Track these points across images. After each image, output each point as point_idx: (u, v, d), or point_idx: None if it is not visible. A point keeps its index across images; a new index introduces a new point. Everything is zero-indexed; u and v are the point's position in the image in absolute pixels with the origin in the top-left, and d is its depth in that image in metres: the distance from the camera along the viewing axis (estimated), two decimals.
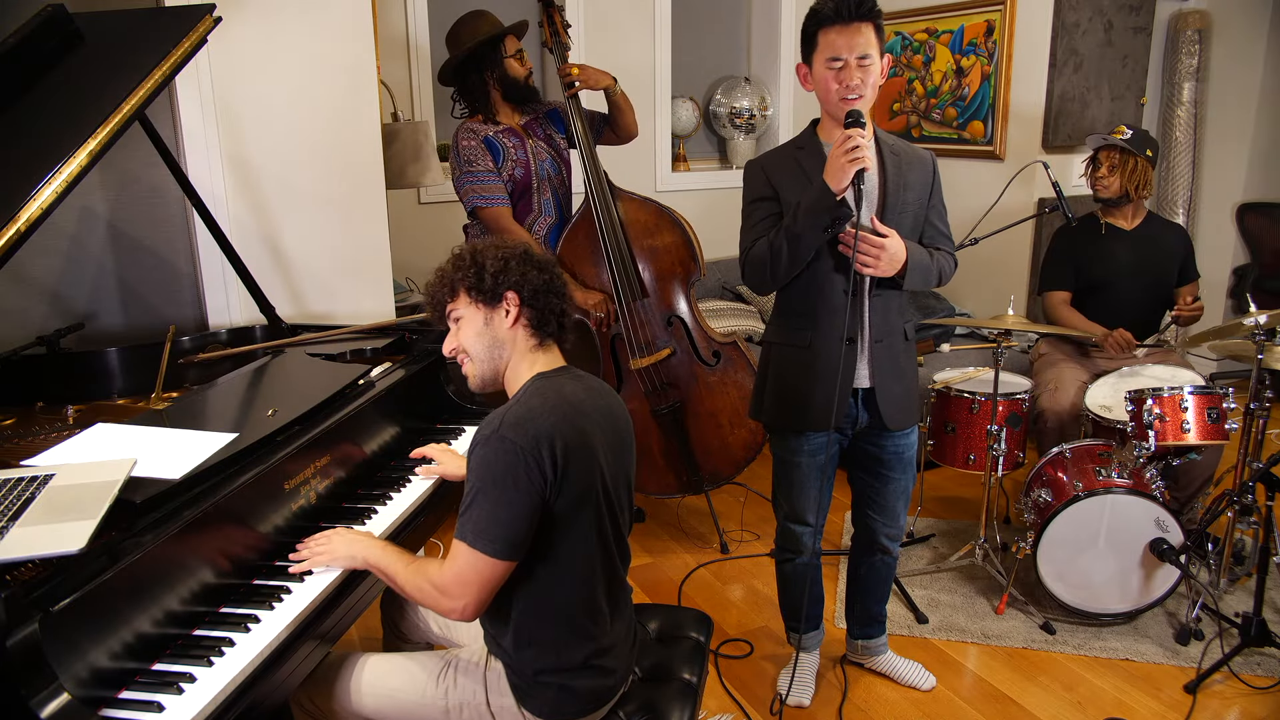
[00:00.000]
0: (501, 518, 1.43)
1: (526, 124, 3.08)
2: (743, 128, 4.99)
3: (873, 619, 2.49)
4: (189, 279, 2.68)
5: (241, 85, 2.57)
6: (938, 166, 2.17)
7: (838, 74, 1.96)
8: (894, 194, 2.05)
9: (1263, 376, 2.62)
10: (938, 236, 2.17)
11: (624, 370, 3.12)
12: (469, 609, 1.47)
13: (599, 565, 1.57)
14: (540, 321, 1.59)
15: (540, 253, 1.64)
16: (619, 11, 4.48)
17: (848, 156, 1.87)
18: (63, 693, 1.16)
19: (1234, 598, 2.84)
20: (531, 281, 1.57)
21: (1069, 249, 3.33)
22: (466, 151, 2.95)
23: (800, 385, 2.14)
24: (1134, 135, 3.14)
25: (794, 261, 2.01)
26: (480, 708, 1.60)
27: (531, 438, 1.43)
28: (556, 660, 1.55)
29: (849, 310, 2.02)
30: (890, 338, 2.12)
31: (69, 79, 1.92)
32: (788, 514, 2.31)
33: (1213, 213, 4.79)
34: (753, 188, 2.13)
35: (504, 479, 1.43)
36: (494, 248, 1.60)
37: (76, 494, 1.42)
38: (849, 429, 2.20)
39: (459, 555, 1.46)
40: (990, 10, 4.20)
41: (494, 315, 1.58)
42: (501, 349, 1.59)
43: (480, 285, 1.56)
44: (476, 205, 2.96)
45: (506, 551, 1.44)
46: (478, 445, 1.47)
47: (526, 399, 1.51)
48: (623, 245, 3.06)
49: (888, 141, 2.09)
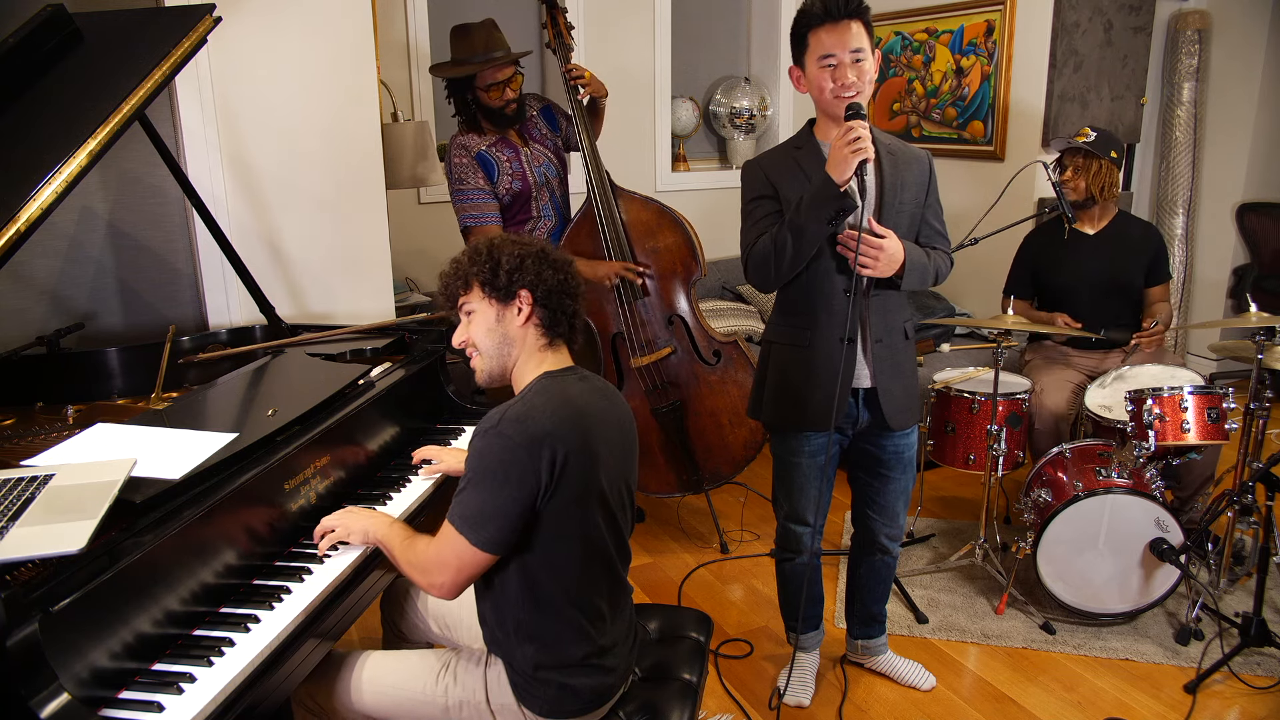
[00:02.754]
0: (489, 510, 1.45)
1: (522, 129, 3.07)
2: (743, 128, 4.99)
3: (872, 619, 2.49)
4: (189, 279, 2.68)
5: (241, 85, 2.57)
6: (934, 165, 2.17)
7: (833, 72, 1.95)
8: (890, 193, 2.05)
9: (1263, 376, 2.62)
10: (934, 236, 2.17)
11: (625, 369, 3.12)
12: (445, 588, 1.51)
13: (599, 566, 1.57)
14: (552, 322, 1.59)
15: (557, 253, 1.64)
16: (619, 12, 4.48)
17: (851, 147, 1.87)
18: (63, 693, 1.16)
19: (1234, 598, 2.84)
20: (546, 281, 1.57)
21: (1028, 256, 3.35)
22: (458, 169, 2.95)
23: (800, 385, 2.14)
24: (1098, 137, 3.14)
25: (798, 256, 2.00)
26: (480, 706, 1.60)
27: (530, 437, 1.44)
28: (556, 657, 1.55)
29: (850, 310, 2.02)
30: (890, 337, 2.12)
31: (69, 79, 1.92)
32: (788, 514, 2.31)
33: (1213, 213, 4.79)
34: (752, 186, 2.14)
35: (497, 472, 1.45)
36: (511, 243, 1.59)
37: (76, 494, 1.42)
38: (849, 429, 2.20)
39: (445, 536, 1.49)
40: (990, 10, 4.20)
41: (506, 312, 1.58)
42: (511, 346, 1.59)
43: (495, 281, 1.56)
44: (467, 225, 2.97)
45: (488, 544, 1.46)
46: (478, 436, 1.49)
47: (531, 397, 1.52)
48: (624, 245, 3.06)
49: (884, 141, 2.09)
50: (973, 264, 4.10)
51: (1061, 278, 3.24)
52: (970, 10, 4.30)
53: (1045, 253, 3.29)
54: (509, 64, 2.92)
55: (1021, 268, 3.37)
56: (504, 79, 2.92)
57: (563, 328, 1.61)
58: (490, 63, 2.88)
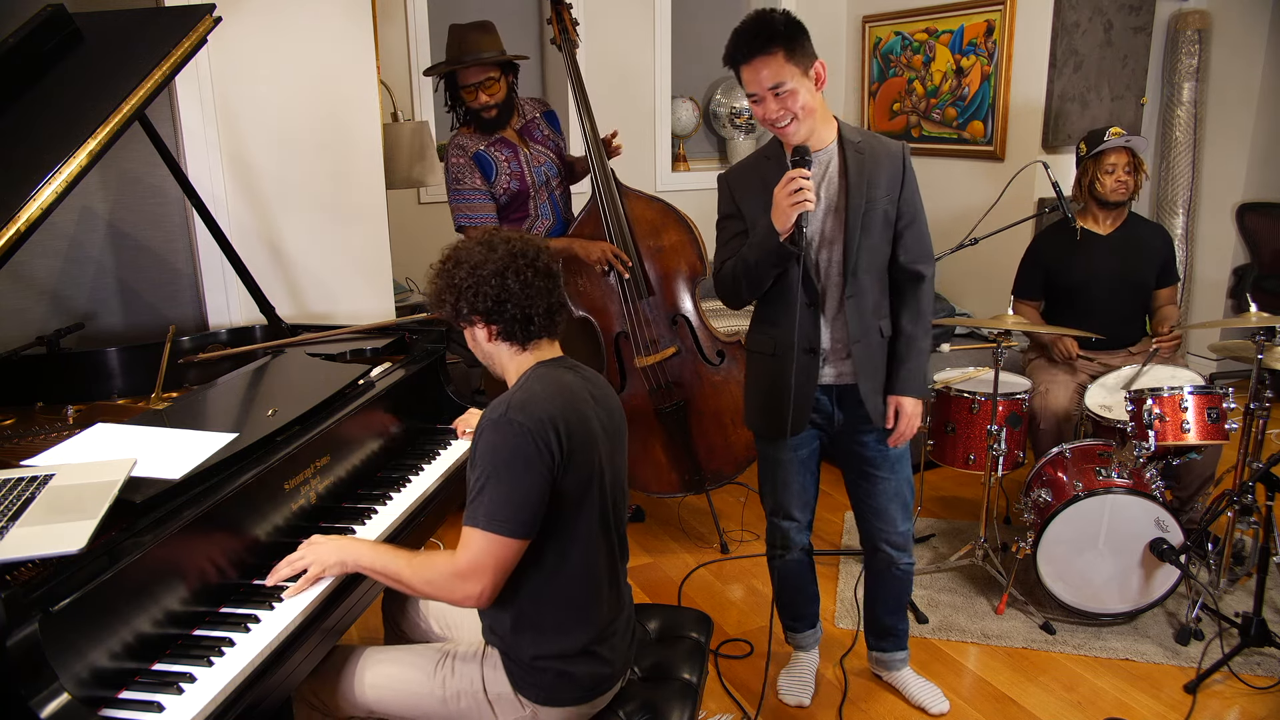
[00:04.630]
0: (514, 499, 1.46)
1: (523, 128, 3.07)
2: (743, 128, 4.99)
3: (886, 631, 2.44)
4: (189, 279, 2.68)
5: (241, 85, 2.57)
6: (909, 157, 2.12)
7: (758, 108, 1.99)
8: (856, 194, 2.04)
9: (1263, 376, 2.62)
10: (920, 256, 2.13)
11: (628, 368, 3.12)
12: (485, 592, 1.50)
13: (601, 551, 1.60)
14: (510, 333, 1.59)
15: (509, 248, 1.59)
16: (619, 11, 4.48)
17: (790, 199, 1.90)
18: (63, 693, 1.16)
19: (1234, 598, 2.84)
20: (485, 298, 1.56)
21: (1039, 257, 3.33)
22: (455, 169, 2.95)
23: (769, 392, 2.19)
24: (1136, 139, 3.15)
25: (753, 288, 2.11)
26: (477, 695, 1.61)
27: (537, 419, 1.47)
28: (554, 646, 1.57)
29: (805, 322, 2.05)
30: (869, 337, 2.13)
31: (69, 79, 1.92)
32: (773, 509, 2.35)
33: (1213, 213, 4.79)
34: (721, 204, 2.20)
35: (513, 461, 1.46)
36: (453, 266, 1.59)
37: (76, 494, 1.42)
38: (825, 425, 2.23)
39: (472, 541, 1.47)
40: (990, 10, 4.20)
41: (474, 332, 1.63)
42: (491, 358, 1.66)
43: (456, 314, 1.61)
44: (462, 225, 2.98)
45: (520, 530, 1.47)
46: (484, 430, 1.50)
47: (529, 384, 1.56)
48: (629, 243, 3.06)
49: (853, 140, 2.07)
50: (973, 264, 4.11)
51: (1074, 278, 3.22)
52: (970, 10, 4.30)
53: (1057, 254, 3.26)
54: (485, 66, 2.86)
55: (1031, 269, 3.34)
56: (476, 81, 2.87)
57: (526, 331, 1.60)
58: (462, 64, 2.87)
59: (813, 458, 2.28)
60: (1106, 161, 3.13)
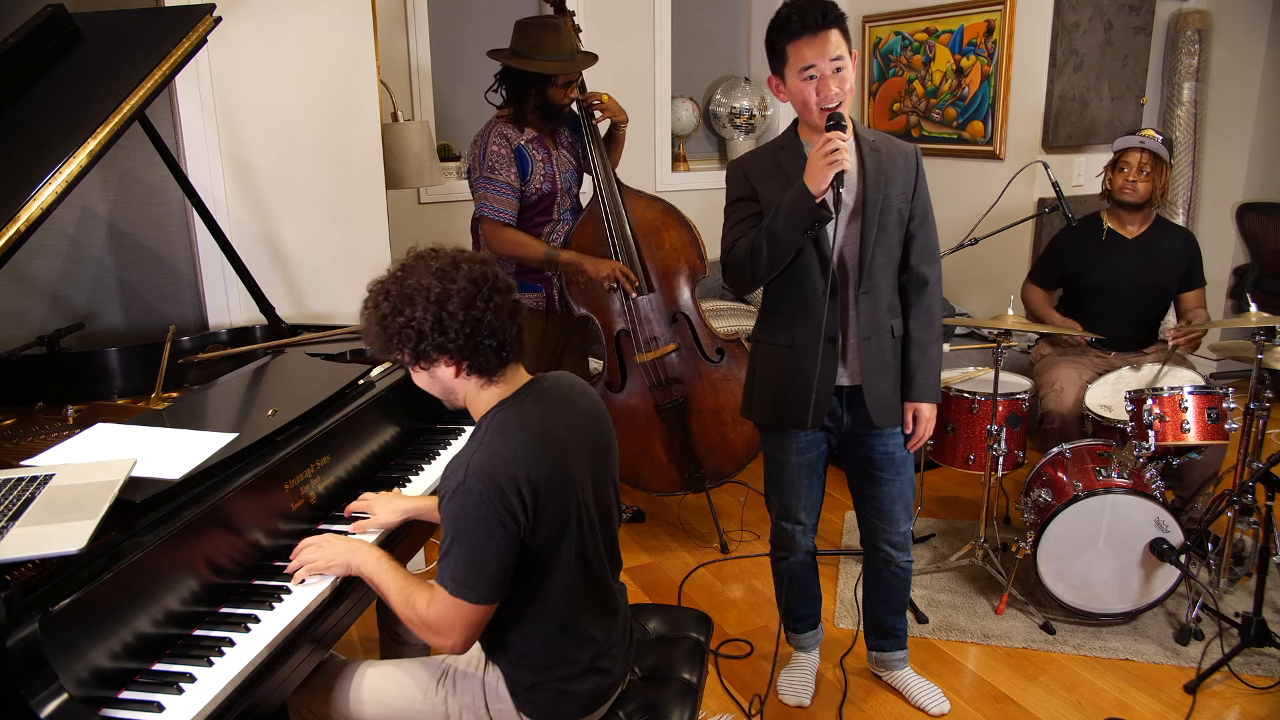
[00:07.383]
0: (480, 566, 1.42)
1: (554, 132, 3.06)
2: (743, 128, 4.99)
3: (885, 631, 2.45)
4: (189, 279, 2.69)
5: (241, 85, 2.57)
6: (921, 160, 2.13)
7: (816, 84, 1.95)
8: (874, 190, 2.04)
9: (1263, 376, 2.62)
10: (926, 257, 2.15)
11: (628, 365, 3.13)
12: (457, 646, 1.47)
13: (581, 592, 1.55)
14: (483, 365, 1.48)
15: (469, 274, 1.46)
16: (619, 12, 4.47)
17: (827, 159, 1.87)
18: (63, 693, 1.16)
19: (1234, 598, 2.84)
20: (453, 335, 1.43)
21: (1063, 252, 3.32)
22: (492, 157, 2.89)
23: (783, 384, 2.15)
24: (1163, 140, 3.13)
25: (773, 262, 2.02)
26: (479, 711, 1.60)
27: (497, 486, 1.39)
28: (553, 673, 1.55)
29: (827, 310, 2.03)
30: (878, 335, 2.12)
31: (69, 79, 1.92)
32: (779, 512, 2.33)
33: (1213, 213, 4.79)
34: (733, 188, 2.15)
35: (476, 529, 1.40)
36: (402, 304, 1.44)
37: (76, 494, 1.42)
38: (835, 427, 2.21)
39: (440, 599, 1.44)
40: (990, 10, 4.20)
41: (435, 370, 1.50)
42: (454, 394, 1.54)
43: (416, 355, 1.47)
44: (483, 214, 2.92)
45: (488, 595, 1.43)
46: (445, 498, 1.43)
47: (489, 441, 1.45)
48: (630, 241, 3.06)
49: (868, 138, 2.08)
50: (973, 264, 4.11)
51: (1094, 278, 3.21)
52: (970, 10, 4.30)
53: (1080, 252, 3.25)
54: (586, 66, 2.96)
55: (1052, 260, 3.34)
56: (569, 80, 2.95)
57: (500, 358, 1.49)
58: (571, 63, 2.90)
59: (820, 461, 2.26)
60: (1122, 160, 3.14)
